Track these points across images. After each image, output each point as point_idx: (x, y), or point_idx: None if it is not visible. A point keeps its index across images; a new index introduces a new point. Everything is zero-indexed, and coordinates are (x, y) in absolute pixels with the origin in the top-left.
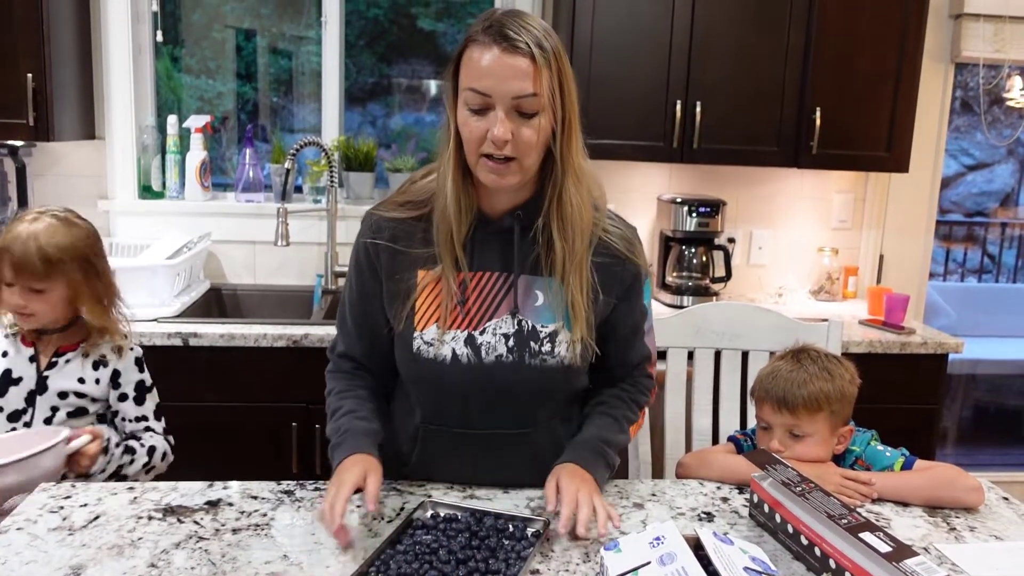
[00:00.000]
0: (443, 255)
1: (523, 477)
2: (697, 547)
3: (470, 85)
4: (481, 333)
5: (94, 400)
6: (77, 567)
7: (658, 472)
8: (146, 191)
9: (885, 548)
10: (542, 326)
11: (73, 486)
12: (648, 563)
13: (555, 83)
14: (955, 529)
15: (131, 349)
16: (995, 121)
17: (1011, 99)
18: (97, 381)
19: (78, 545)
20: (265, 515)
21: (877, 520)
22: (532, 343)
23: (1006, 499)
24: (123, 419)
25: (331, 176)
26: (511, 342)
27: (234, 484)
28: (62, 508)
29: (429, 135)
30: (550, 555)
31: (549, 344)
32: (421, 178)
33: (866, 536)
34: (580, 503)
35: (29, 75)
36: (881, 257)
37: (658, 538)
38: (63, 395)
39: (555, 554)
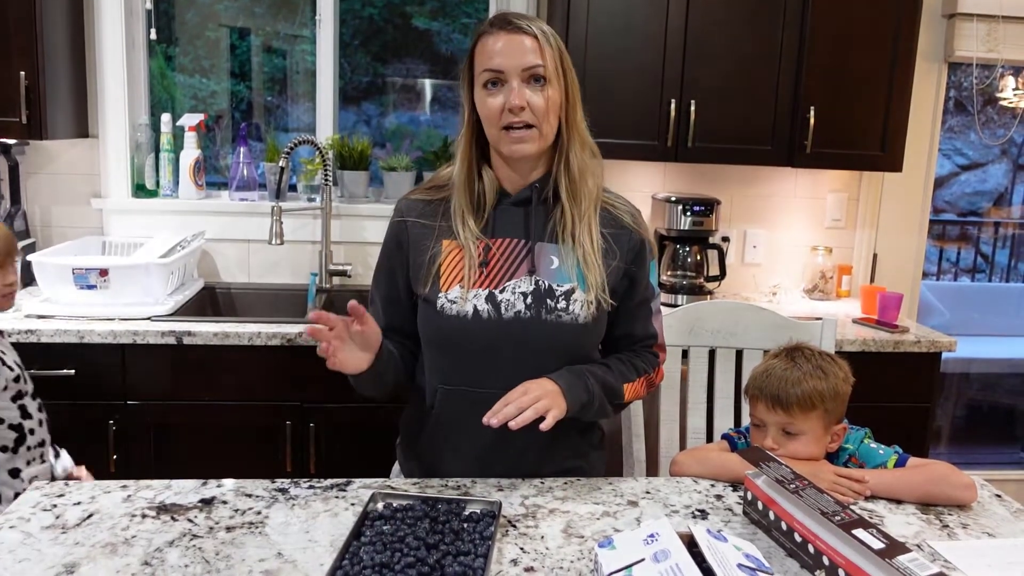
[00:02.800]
0: (460, 225)
1: (534, 445)
2: (691, 544)
3: (485, 66)
4: (501, 292)
5: None
6: (70, 565)
7: (652, 470)
8: (140, 189)
9: (878, 545)
10: (558, 285)
11: (66, 484)
12: (642, 560)
13: (558, 60)
14: (948, 526)
15: None
16: (988, 121)
17: (1004, 99)
18: None
19: (71, 543)
20: (259, 513)
21: (870, 517)
22: (549, 300)
23: (998, 496)
24: None
25: (325, 175)
26: (529, 299)
27: (228, 482)
28: (55, 506)
29: (424, 134)
30: (545, 552)
31: (564, 302)
32: (445, 168)
33: (859, 533)
34: (513, 402)
35: (22, 73)
36: (875, 256)
37: (652, 535)
38: None
39: (549, 551)
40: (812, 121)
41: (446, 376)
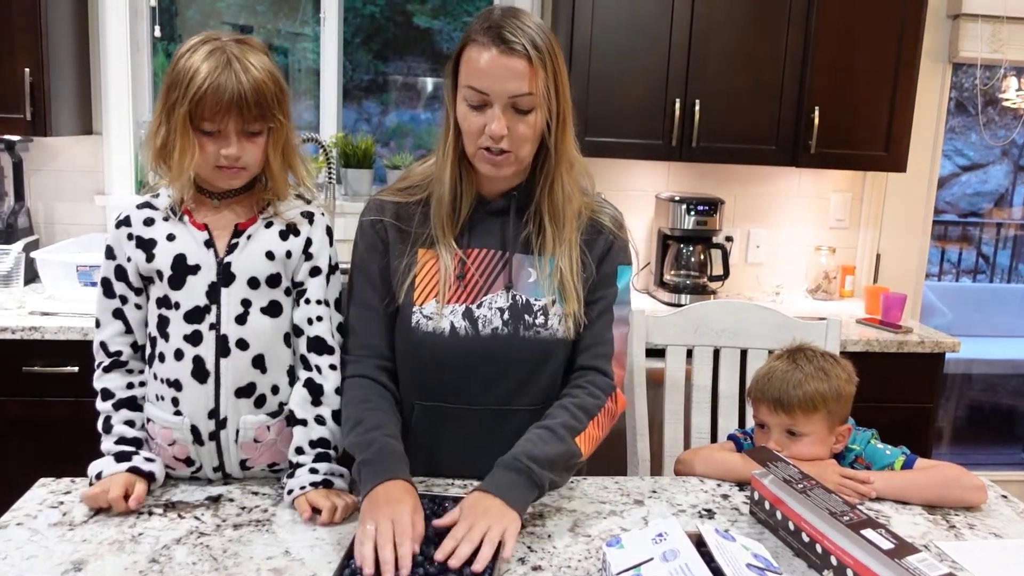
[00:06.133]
0: (439, 236)
1: None
2: (699, 544)
3: (469, 83)
4: (478, 307)
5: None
6: (78, 562)
7: (656, 470)
8: (143, 186)
9: (887, 545)
10: (535, 300)
11: (73, 481)
12: (651, 559)
13: (550, 81)
14: (955, 527)
15: (322, 215)
16: (989, 122)
17: (1007, 100)
18: (288, 254)
19: (79, 540)
20: (266, 511)
21: (877, 518)
22: (526, 316)
23: (1005, 497)
24: (306, 300)
25: (329, 173)
26: (506, 315)
27: (235, 480)
28: (62, 503)
29: (425, 132)
30: (552, 551)
31: (543, 317)
32: (419, 165)
33: (868, 533)
34: (464, 540)
35: (27, 70)
36: (878, 256)
37: (661, 534)
38: (254, 283)
39: (557, 550)
40: (816, 121)
41: (422, 392)
